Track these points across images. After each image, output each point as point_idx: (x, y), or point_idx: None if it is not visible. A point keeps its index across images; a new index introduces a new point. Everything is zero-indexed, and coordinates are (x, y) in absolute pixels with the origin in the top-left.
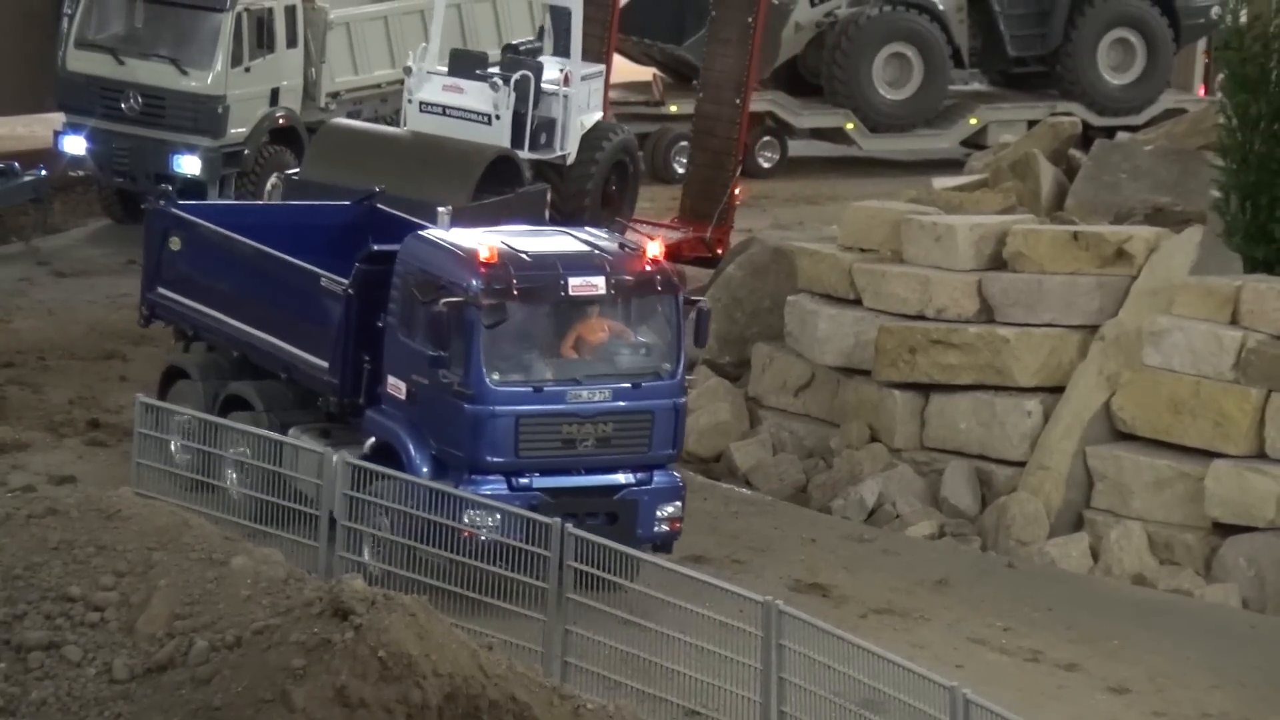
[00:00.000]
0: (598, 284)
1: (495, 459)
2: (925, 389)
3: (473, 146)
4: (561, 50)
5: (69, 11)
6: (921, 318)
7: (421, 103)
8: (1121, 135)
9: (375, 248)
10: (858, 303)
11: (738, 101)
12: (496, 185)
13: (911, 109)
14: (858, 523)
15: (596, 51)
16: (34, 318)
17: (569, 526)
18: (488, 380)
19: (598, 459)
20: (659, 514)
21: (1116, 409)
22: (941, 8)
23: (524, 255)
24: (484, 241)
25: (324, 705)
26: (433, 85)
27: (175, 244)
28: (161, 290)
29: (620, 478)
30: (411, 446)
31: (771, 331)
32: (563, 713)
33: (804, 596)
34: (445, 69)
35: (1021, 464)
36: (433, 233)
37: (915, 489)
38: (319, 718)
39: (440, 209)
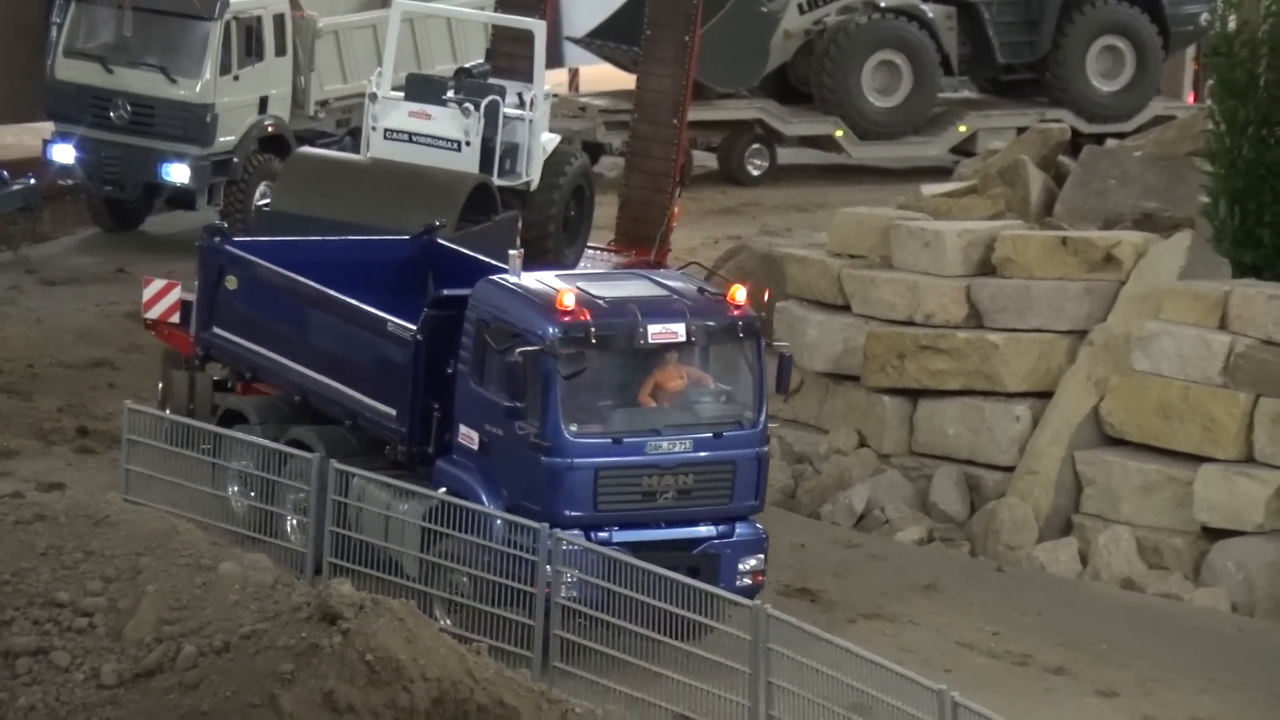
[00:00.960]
0: (678, 330)
1: (573, 513)
2: (914, 394)
3: (451, 174)
4: (522, 73)
5: (57, 20)
6: (910, 323)
7: (386, 130)
8: (1110, 142)
9: (445, 292)
10: (846, 309)
11: (675, 122)
12: (474, 214)
13: (901, 116)
14: (846, 528)
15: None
16: (23, 326)
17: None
18: (566, 432)
19: (678, 511)
20: (741, 567)
21: (1105, 414)
22: (931, 16)
23: (601, 301)
24: (560, 287)
25: (312, 710)
26: (398, 112)
27: (232, 283)
28: (218, 330)
29: (702, 530)
30: (485, 499)
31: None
32: (551, 717)
33: (793, 601)
34: (400, 94)
35: (1010, 469)
36: (506, 277)
37: (904, 494)
38: None
39: (511, 252)
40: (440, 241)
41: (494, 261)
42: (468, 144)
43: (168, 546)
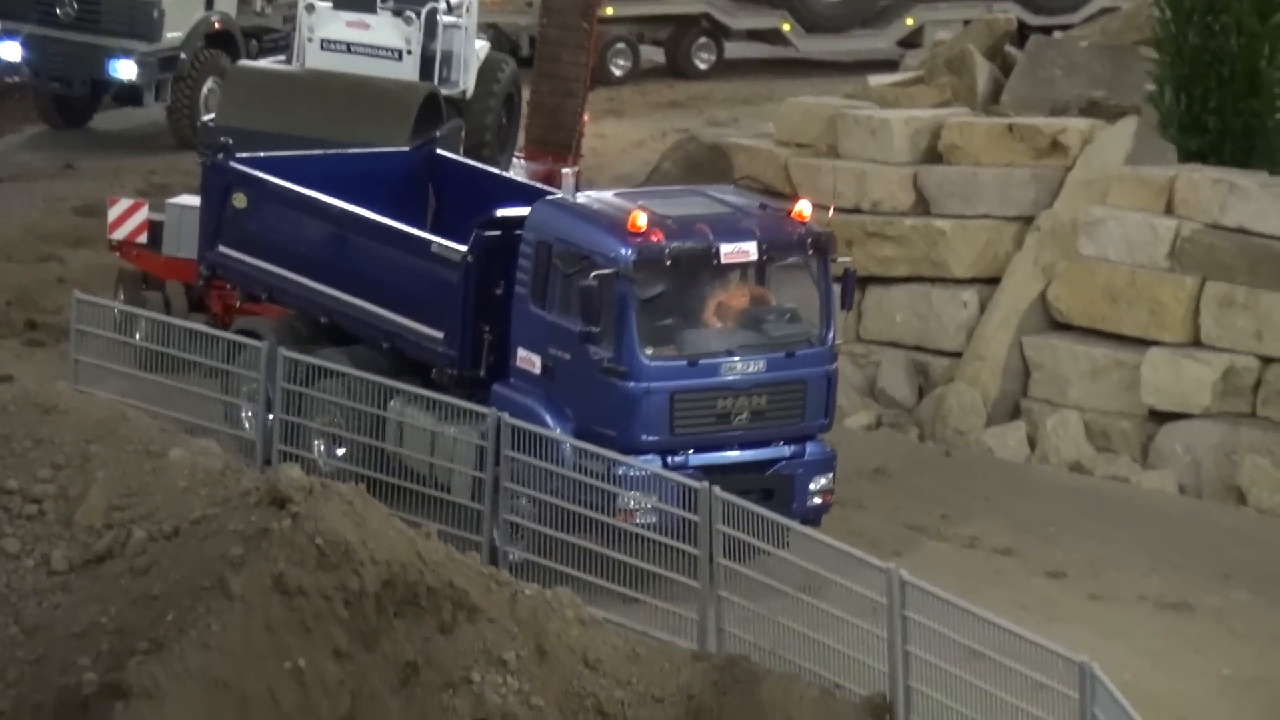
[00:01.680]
0: (749, 249)
1: (650, 438)
2: (862, 281)
3: (401, 85)
4: None
5: None
6: (857, 211)
7: (324, 40)
8: (1057, 34)
9: (498, 213)
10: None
11: (585, 25)
12: (421, 124)
13: (848, 9)
14: None
15: None
16: None
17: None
18: (641, 356)
19: (751, 433)
20: (812, 487)
21: (1052, 299)
22: None
23: (670, 221)
24: (627, 207)
25: (262, 593)
26: (335, 22)
27: (240, 201)
28: (224, 250)
29: (775, 451)
30: (552, 423)
31: None
32: (500, 599)
33: None
34: (329, 3)
35: (958, 355)
36: (567, 197)
37: (853, 381)
38: (257, 605)
39: (565, 170)
40: (440, 153)
41: (498, 171)
42: (409, 53)
43: (117, 434)
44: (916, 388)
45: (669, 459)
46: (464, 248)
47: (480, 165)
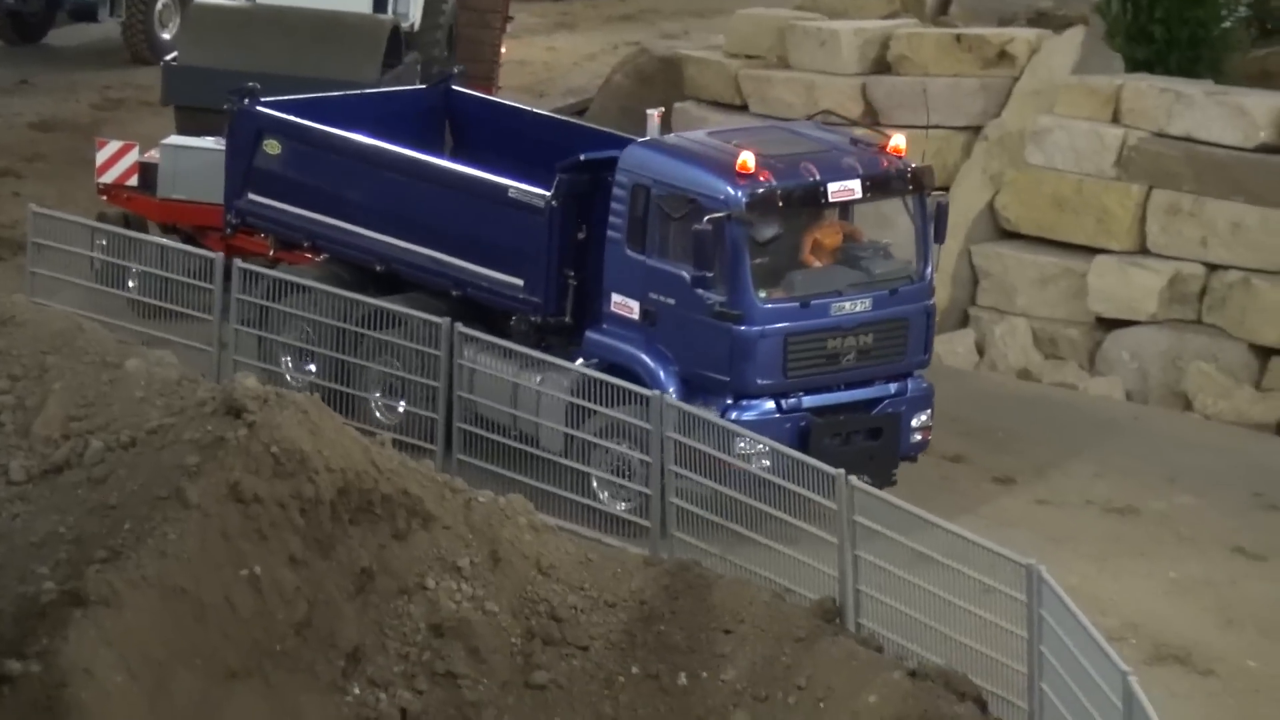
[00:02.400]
0: (854, 187)
1: (764, 381)
2: None
3: (367, 19)
4: None
5: None
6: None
7: None
8: None
9: (583, 157)
10: (744, 108)
11: None
12: (387, 58)
13: None
14: None
15: None
16: None
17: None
18: (755, 299)
19: (858, 372)
20: (914, 423)
21: (1000, 208)
22: None
23: (777, 161)
24: (731, 148)
25: (218, 501)
26: None
27: (273, 148)
28: (254, 197)
29: (882, 390)
30: (656, 368)
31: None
32: (454, 506)
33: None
34: None
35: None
36: (664, 139)
37: None
38: (213, 514)
39: (650, 111)
40: (456, 89)
41: (514, 104)
42: None
43: (74, 345)
44: None
45: (782, 402)
46: (547, 192)
47: (497, 99)
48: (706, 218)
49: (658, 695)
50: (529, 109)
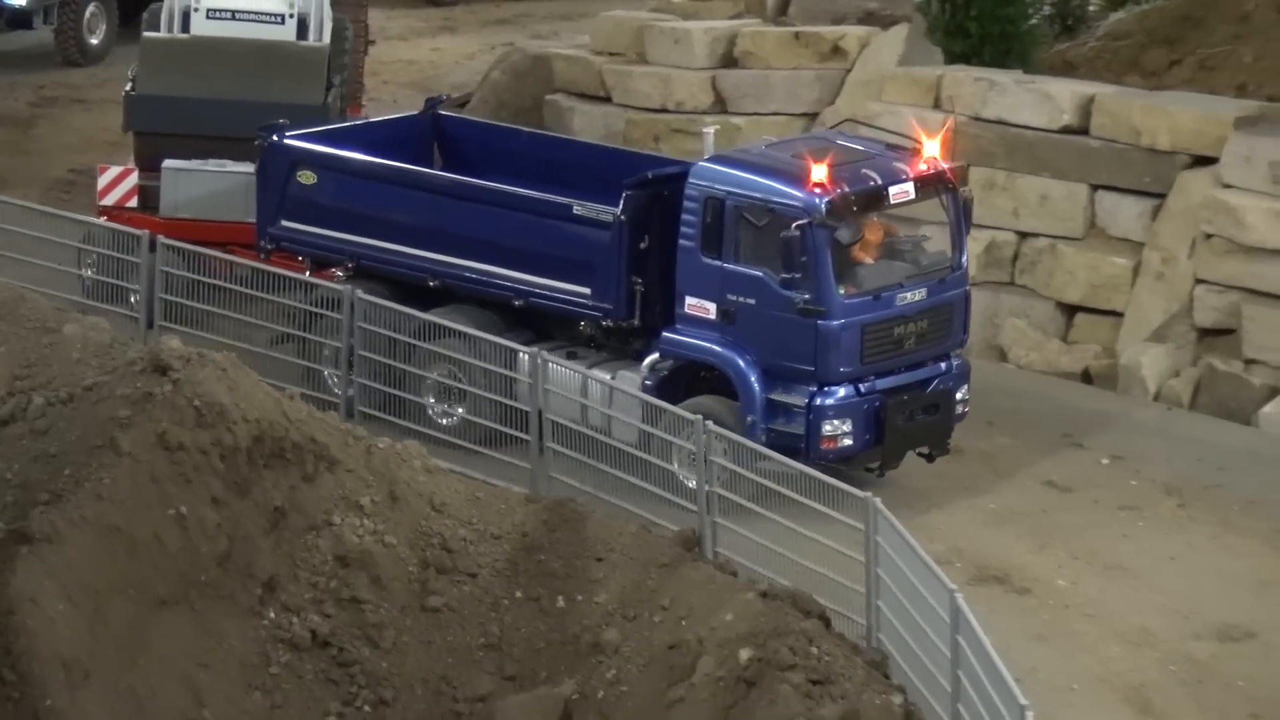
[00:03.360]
0: (909, 189)
1: (845, 368)
2: None
3: (304, 47)
4: None
5: None
6: (664, 110)
7: (209, 10)
8: None
9: (650, 174)
10: (608, 99)
11: None
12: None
13: None
14: None
15: None
16: None
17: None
18: (837, 295)
19: (916, 354)
20: (960, 396)
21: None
22: None
23: (842, 170)
24: (798, 161)
25: (148, 449)
26: None
27: (308, 178)
28: (288, 223)
29: (933, 369)
30: (740, 362)
31: (533, 127)
32: (356, 451)
33: None
34: None
35: None
36: (732, 154)
37: None
38: (143, 460)
39: (704, 129)
40: (441, 113)
41: (506, 124)
42: (290, 16)
43: (17, 313)
44: None
45: (860, 386)
46: (615, 209)
47: (477, 120)
48: (794, 224)
49: (538, 616)
50: (511, 126)
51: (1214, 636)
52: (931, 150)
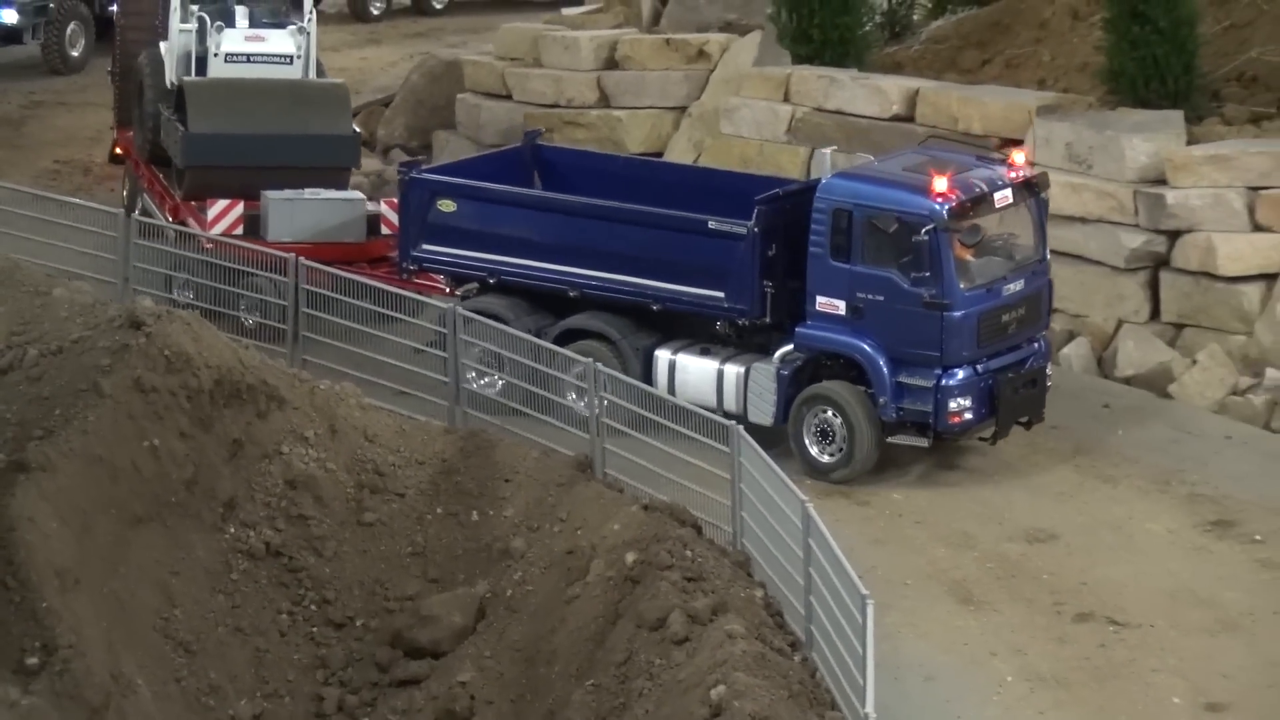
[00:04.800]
0: (1009, 195)
1: (965, 353)
2: None
3: (328, 84)
4: None
5: None
6: (556, 106)
7: (227, 54)
8: None
9: (779, 191)
10: (509, 97)
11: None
12: None
13: None
14: None
15: None
16: None
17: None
18: (959, 290)
19: (1014, 338)
20: (1049, 371)
21: (702, 165)
22: None
23: (956, 180)
24: (917, 175)
25: (126, 391)
26: (234, 37)
27: (448, 206)
28: (429, 247)
29: (1028, 350)
30: (871, 351)
31: (447, 122)
32: (301, 392)
33: None
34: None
35: None
36: (857, 171)
37: None
38: (122, 401)
39: (823, 150)
40: (540, 143)
41: (597, 150)
42: (299, 57)
43: (13, 279)
44: None
45: (977, 367)
46: (748, 221)
47: (571, 148)
48: (923, 229)
49: (456, 528)
50: (599, 152)
51: (1023, 539)
52: (1020, 160)
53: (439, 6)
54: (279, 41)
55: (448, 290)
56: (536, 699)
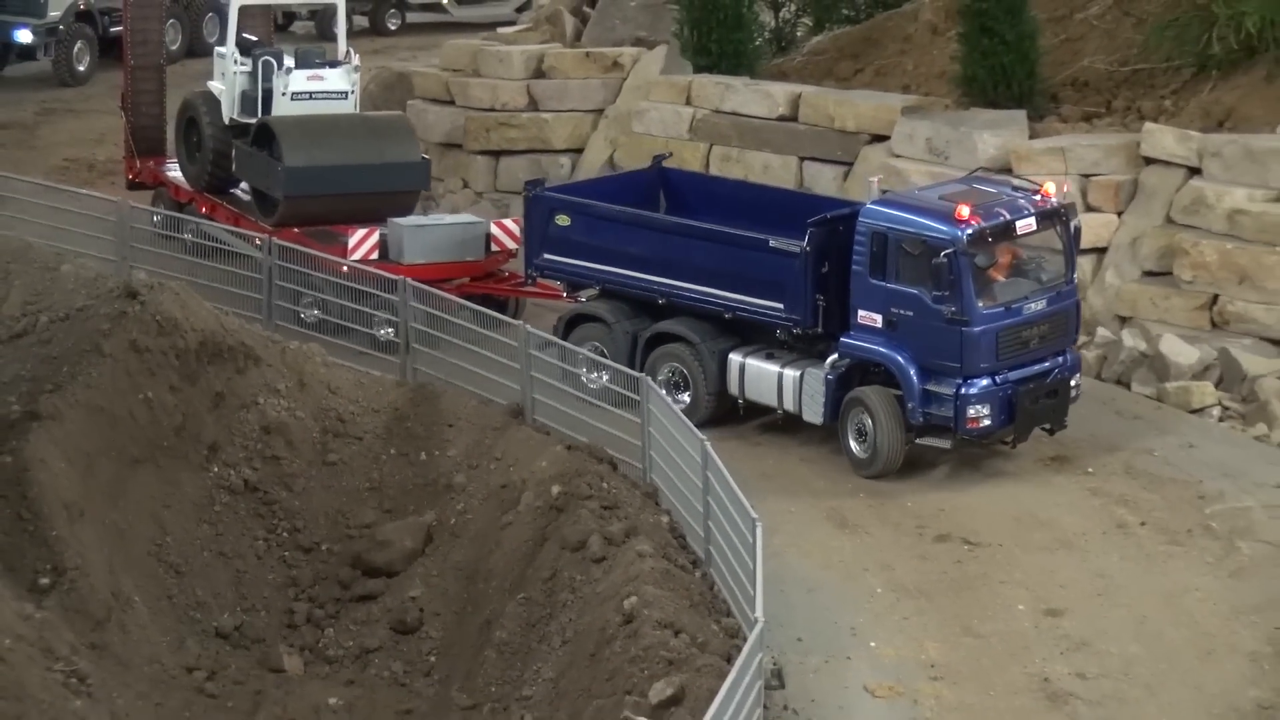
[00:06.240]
0: (1031, 223)
1: (984, 365)
2: (496, 154)
3: (396, 116)
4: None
5: None
6: (492, 110)
7: (293, 93)
8: None
9: (828, 214)
10: (452, 103)
11: (160, 61)
12: None
13: None
14: None
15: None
16: None
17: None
18: (978, 308)
19: (1038, 352)
20: (1074, 383)
21: (616, 160)
22: None
23: (979, 209)
24: (948, 202)
25: (123, 351)
26: (298, 78)
27: (564, 220)
28: (549, 256)
29: (1052, 363)
30: (902, 361)
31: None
32: (274, 352)
33: None
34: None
35: None
36: (895, 198)
37: (491, 214)
38: (120, 359)
39: (871, 179)
40: (665, 166)
41: (718, 175)
42: (353, 92)
43: (26, 256)
44: None
45: (996, 378)
46: (801, 241)
47: (694, 172)
48: (943, 252)
49: (408, 466)
50: (720, 176)
51: (892, 474)
52: (1051, 190)
53: (393, 27)
54: (336, 79)
55: (564, 295)
56: (476, 610)
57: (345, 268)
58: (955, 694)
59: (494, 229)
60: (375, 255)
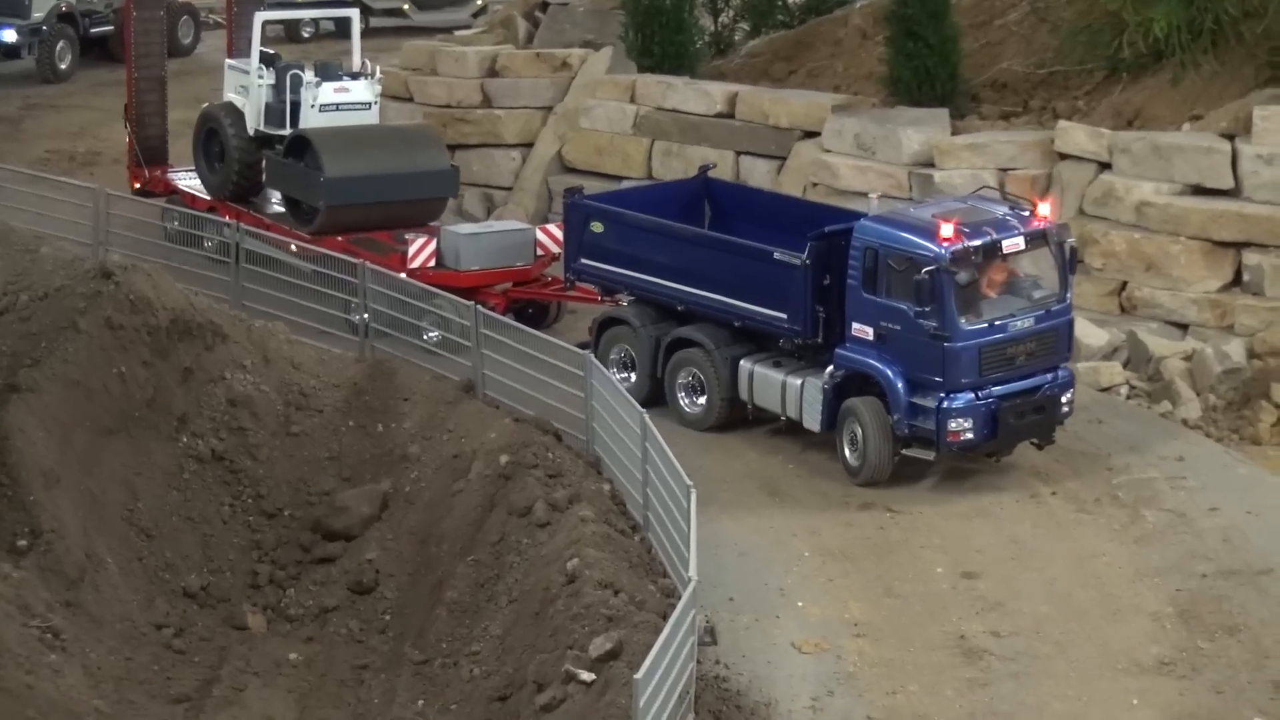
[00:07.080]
0: (1019, 242)
1: (966, 380)
2: (453, 148)
3: (424, 126)
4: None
5: None
6: (449, 106)
7: (321, 105)
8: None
9: (827, 229)
10: (411, 99)
11: (162, 73)
12: None
13: None
14: None
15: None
16: None
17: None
18: (960, 324)
19: (1026, 368)
20: (1064, 399)
21: (565, 154)
22: None
23: (966, 227)
24: (934, 221)
25: (98, 328)
26: (326, 90)
27: (598, 228)
28: (585, 261)
29: (1041, 380)
30: (890, 373)
31: None
32: (241, 329)
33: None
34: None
35: (509, 188)
36: (887, 215)
37: (450, 207)
38: (95, 335)
39: (871, 195)
40: (710, 177)
41: (754, 187)
42: (375, 104)
43: (8, 239)
44: (486, 209)
45: (979, 392)
46: (801, 254)
47: (737, 184)
48: (924, 269)
49: (366, 438)
50: (763, 190)
51: (817, 448)
52: (1044, 211)
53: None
54: (360, 91)
55: (600, 299)
56: (428, 572)
57: (405, 274)
58: (877, 650)
59: (540, 235)
60: (432, 264)
